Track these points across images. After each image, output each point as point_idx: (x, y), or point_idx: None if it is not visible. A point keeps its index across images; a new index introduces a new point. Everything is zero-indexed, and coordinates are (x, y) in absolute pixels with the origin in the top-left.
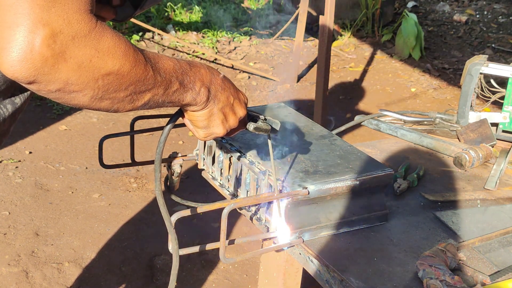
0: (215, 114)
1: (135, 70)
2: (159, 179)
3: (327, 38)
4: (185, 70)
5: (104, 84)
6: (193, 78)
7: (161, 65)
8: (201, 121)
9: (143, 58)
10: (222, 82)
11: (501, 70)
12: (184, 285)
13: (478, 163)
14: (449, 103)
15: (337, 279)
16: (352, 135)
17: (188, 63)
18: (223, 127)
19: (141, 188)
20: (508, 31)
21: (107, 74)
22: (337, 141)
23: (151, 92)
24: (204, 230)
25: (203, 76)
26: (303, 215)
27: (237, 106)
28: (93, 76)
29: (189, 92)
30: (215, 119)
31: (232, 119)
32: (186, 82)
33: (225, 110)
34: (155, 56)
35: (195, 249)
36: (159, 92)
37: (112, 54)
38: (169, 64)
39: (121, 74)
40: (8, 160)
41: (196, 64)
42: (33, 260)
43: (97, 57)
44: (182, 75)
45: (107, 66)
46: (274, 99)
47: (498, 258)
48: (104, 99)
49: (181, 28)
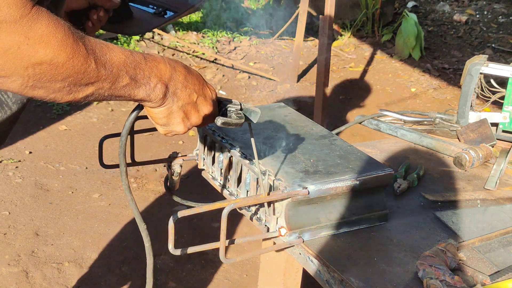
0: (174, 112)
1: (72, 62)
2: (124, 173)
3: (327, 38)
4: (138, 63)
5: (36, 73)
6: (148, 73)
7: (108, 58)
8: (159, 118)
9: (84, 49)
10: (184, 79)
11: (501, 70)
12: (184, 285)
13: (478, 163)
14: (449, 103)
15: (337, 279)
16: (352, 135)
17: (144, 57)
18: (183, 126)
19: (141, 188)
20: (508, 31)
21: (38, 63)
22: (337, 141)
23: (94, 86)
24: (204, 230)
25: (161, 71)
26: (303, 215)
27: (201, 104)
28: (22, 64)
29: (142, 88)
30: (175, 117)
31: (194, 117)
32: (139, 77)
33: (186, 108)
34: (103, 47)
35: (195, 249)
36: (104, 86)
37: (45, 42)
38: (119, 57)
39: (55, 64)
40: (8, 160)
41: (154, 58)
42: (33, 260)
43: (27, 44)
44: (135, 70)
45: (37, 55)
46: (274, 99)
47: (498, 258)
48: (36, 87)
49: (181, 28)
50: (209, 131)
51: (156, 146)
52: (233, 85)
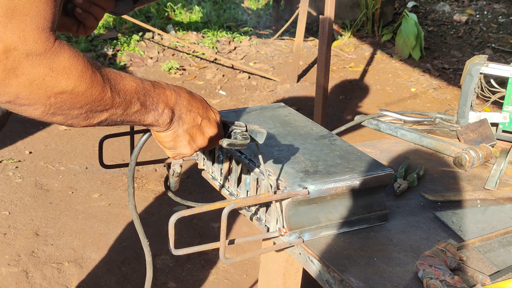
0: (180, 135)
1: (91, 91)
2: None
3: (327, 38)
4: (148, 91)
5: (57, 102)
6: (156, 99)
7: (122, 86)
8: (167, 142)
9: (101, 79)
10: (188, 103)
11: (501, 70)
12: (184, 285)
13: (478, 163)
14: (449, 103)
15: (337, 279)
16: (352, 135)
17: (153, 84)
18: (190, 148)
19: (141, 188)
20: (508, 31)
21: (60, 93)
22: (337, 141)
23: (109, 112)
24: (204, 230)
25: (168, 97)
26: (303, 215)
27: (205, 126)
28: (45, 94)
29: (151, 114)
30: (181, 140)
31: (200, 139)
32: (148, 104)
33: (191, 131)
34: (116, 76)
35: (195, 249)
36: (118, 113)
37: (67, 74)
38: (131, 85)
39: (76, 93)
40: (8, 160)
41: (161, 85)
42: (33, 260)
43: (51, 76)
44: (145, 96)
45: (60, 85)
46: (274, 99)
47: (498, 258)
48: (56, 114)
49: (181, 28)
50: None
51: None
52: (233, 85)
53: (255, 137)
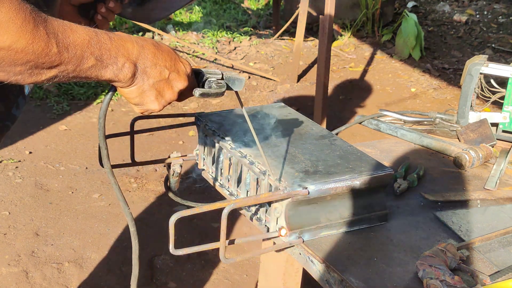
0: (146, 91)
1: (32, 47)
2: (106, 156)
3: (327, 38)
4: (104, 44)
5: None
6: (114, 52)
7: (72, 40)
8: (132, 98)
9: (45, 33)
10: (153, 57)
11: (501, 70)
12: (184, 285)
13: (478, 163)
14: (449, 103)
15: (337, 279)
16: (352, 135)
17: (110, 36)
18: (158, 104)
19: (141, 188)
20: (508, 31)
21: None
22: (337, 141)
23: (57, 69)
24: (204, 230)
25: (129, 50)
26: (303, 215)
27: (174, 80)
28: None
29: (109, 68)
30: (148, 96)
31: (168, 94)
32: (105, 58)
33: (158, 86)
34: (65, 30)
35: (195, 249)
36: (69, 69)
37: (3, 29)
38: (83, 38)
39: (14, 50)
40: (8, 160)
41: (121, 37)
42: (33, 260)
43: None
44: (100, 50)
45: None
46: (274, 99)
47: (498, 258)
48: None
49: (181, 28)
50: (209, 131)
51: (156, 146)
52: None
53: (232, 85)
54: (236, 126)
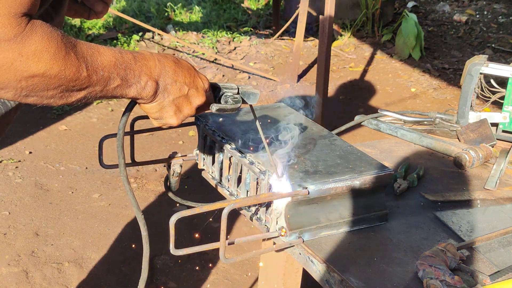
0: (166, 106)
1: (65, 73)
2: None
3: (327, 38)
4: (128, 64)
5: (28, 85)
6: (138, 72)
7: (100, 63)
8: (153, 113)
9: (75, 59)
10: (174, 73)
11: (501, 70)
12: (184, 285)
13: (478, 163)
14: (449, 103)
15: (337, 279)
16: (352, 135)
17: (134, 56)
18: (176, 118)
19: (141, 188)
20: (508, 31)
21: (31, 77)
22: (337, 141)
23: (86, 91)
24: (204, 230)
25: (151, 69)
26: (303, 215)
27: (192, 96)
28: (15, 78)
29: (133, 87)
30: (167, 111)
31: (187, 109)
32: (130, 77)
33: (177, 102)
34: (93, 53)
35: (195, 249)
36: (97, 90)
37: (38, 57)
38: (110, 60)
39: (48, 76)
40: (8, 160)
41: (144, 57)
42: (33, 260)
43: (20, 61)
44: (125, 70)
45: (30, 69)
46: (274, 99)
47: (498, 258)
48: (30, 96)
49: (181, 28)
50: (209, 131)
51: (156, 146)
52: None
53: (248, 99)
54: (236, 126)
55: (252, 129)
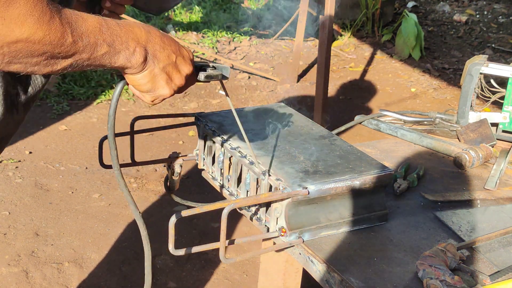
0: (157, 74)
1: (49, 38)
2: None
3: (327, 38)
4: (114, 30)
5: (11, 51)
6: (125, 38)
7: (84, 29)
8: (144, 84)
9: (61, 24)
10: (161, 40)
11: (501, 70)
12: (184, 285)
13: (478, 163)
14: (449, 103)
15: (337, 279)
16: (352, 135)
17: (117, 23)
18: (169, 88)
19: (141, 188)
20: (508, 31)
21: (14, 42)
22: (337, 141)
23: (73, 58)
24: (204, 230)
25: (137, 35)
26: (303, 215)
27: (181, 64)
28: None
29: (122, 54)
30: (159, 80)
31: (177, 77)
32: (117, 43)
33: (168, 69)
34: (78, 18)
35: (195, 249)
36: (83, 57)
37: (21, 21)
38: (94, 26)
39: (32, 42)
40: (8, 160)
41: (128, 23)
42: (33, 260)
43: (2, 24)
44: (111, 36)
45: (13, 34)
46: (274, 99)
47: (498, 258)
48: (13, 63)
49: (181, 28)
50: (209, 131)
51: (156, 146)
52: (233, 85)
53: (222, 71)
54: (236, 126)
55: (252, 129)
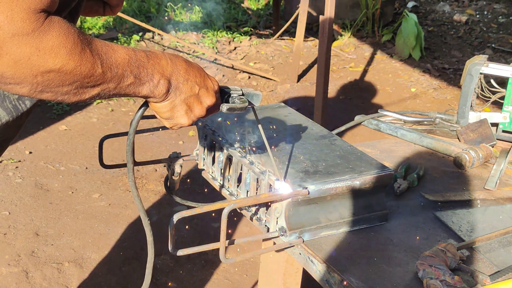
0: (177, 105)
1: (80, 69)
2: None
3: (327, 38)
4: (141, 62)
5: (44, 80)
6: (151, 70)
7: (114, 60)
8: (164, 112)
9: (91, 55)
10: (185, 73)
11: (501, 70)
12: (184, 285)
13: (478, 163)
14: (449, 103)
15: (337, 279)
16: (352, 135)
17: (146, 55)
18: (187, 118)
19: (141, 188)
20: (508, 31)
21: (47, 72)
22: (337, 141)
23: (100, 87)
24: (204, 230)
25: (163, 67)
26: (303, 215)
27: (203, 95)
28: (31, 73)
29: (146, 85)
30: (178, 110)
31: (197, 108)
32: (143, 75)
33: (189, 101)
34: (108, 50)
35: (195, 249)
36: (110, 87)
37: (54, 53)
38: (123, 58)
39: (64, 72)
40: (8, 160)
41: (156, 55)
42: (33, 260)
43: (37, 55)
44: (138, 68)
45: (47, 64)
46: (274, 99)
47: (498, 258)
48: (45, 92)
49: (181, 28)
50: (209, 131)
51: (156, 146)
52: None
53: (251, 100)
54: (236, 126)
55: (252, 130)
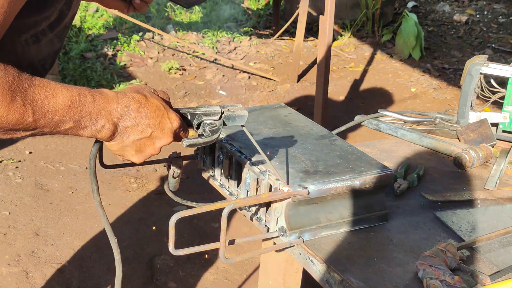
0: (127, 146)
1: (7, 118)
2: (96, 191)
3: (327, 38)
4: (85, 107)
5: None
6: (95, 115)
7: (51, 107)
8: (114, 150)
9: (22, 105)
10: (136, 116)
11: (501, 70)
12: (184, 285)
13: (478, 163)
14: (449, 103)
15: (337, 279)
16: (352, 135)
17: (94, 98)
18: (137, 158)
19: (141, 188)
20: (508, 31)
21: None
22: (337, 141)
23: (33, 131)
24: (204, 230)
25: (111, 112)
26: (303, 215)
27: (157, 137)
28: None
29: (88, 129)
30: (128, 150)
31: (149, 149)
32: (85, 120)
33: (139, 143)
34: (47, 96)
35: (195, 249)
36: (45, 131)
37: None
38: (64, 104)
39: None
40: (8, 160)
41: (106, 98)
42: (33, 260)
43: None
44: (80, 113)
45: None
46: (274, 99)
47: (498, 258)
48: None
49: (181, 28)
50: None
51: None
52: (233, 85)
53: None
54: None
55: (252, 129)
